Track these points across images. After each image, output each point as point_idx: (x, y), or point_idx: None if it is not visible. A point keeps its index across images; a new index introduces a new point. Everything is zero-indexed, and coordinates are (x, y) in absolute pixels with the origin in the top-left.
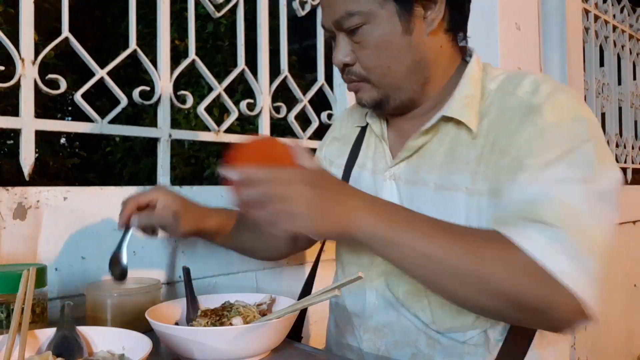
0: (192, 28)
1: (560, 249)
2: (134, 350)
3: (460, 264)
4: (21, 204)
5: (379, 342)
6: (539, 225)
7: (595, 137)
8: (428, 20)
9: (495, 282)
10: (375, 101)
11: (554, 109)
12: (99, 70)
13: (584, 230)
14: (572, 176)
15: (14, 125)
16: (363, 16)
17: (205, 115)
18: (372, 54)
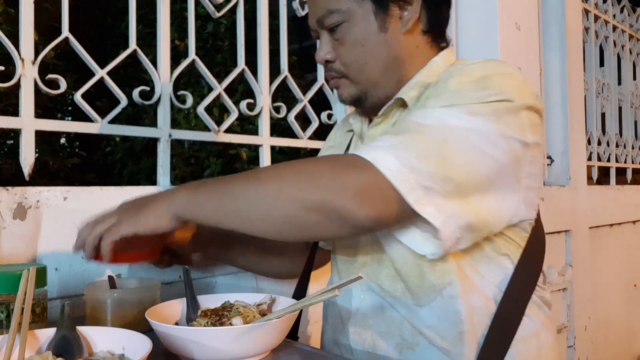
0: (192, 28)
1: (383, 144)
2: (134, 350)
3: (271, 186)
4: (21, 204)
5: (364, 334)
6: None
7: (496, 105)
8: (404, 20)
9: (309, 179)
10: (353, 97)
11: (462, 73)
12: (99, 70)
13: (415, 136)
14: (446, 105)
15: (14, 125)
16: (342, 14)
17: (205, 115)
18: (350, 51)
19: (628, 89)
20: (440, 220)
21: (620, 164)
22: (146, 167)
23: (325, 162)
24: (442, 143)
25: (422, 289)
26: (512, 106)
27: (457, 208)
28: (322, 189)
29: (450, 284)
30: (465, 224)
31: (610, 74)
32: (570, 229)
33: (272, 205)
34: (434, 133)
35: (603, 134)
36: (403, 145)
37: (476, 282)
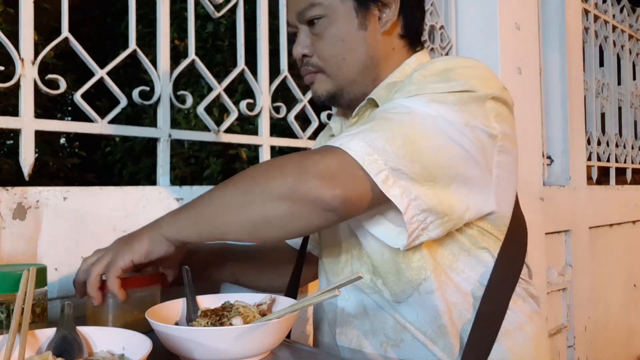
0: (192, 28)
1: (351, 132)
2: (134, 350)
3: (245, 185)
4: (21, 204)
5: (350, 334)
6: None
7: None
8: (382, 20)
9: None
10: (329, 93)
11: (425, 68)
12: (98, 70)
13: (383, 124)
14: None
15: (14, 125)
16: (324, 8)
17: (205, 115)
18: (329, 45)
19: (628, 89)
20: (406, 202)
21: (620, 164)
22: (146, 167)
23: (292, 154)
24: (409, 126)
25: (399, 285)
26: (476, 96)
27: (422, 191)
28: (288, 177)
29: (426, 279)
30: (429, 207)
31: (610, 74)
32: (570, 229)
33: (245, 205)
34: (401, 118)
35: (603, 134)
36: (370, 130)
37: (453, 278)
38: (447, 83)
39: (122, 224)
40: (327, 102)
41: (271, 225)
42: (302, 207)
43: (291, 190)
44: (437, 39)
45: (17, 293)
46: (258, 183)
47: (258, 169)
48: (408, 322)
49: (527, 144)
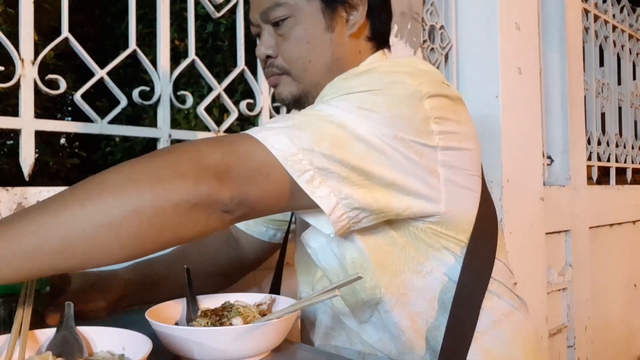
0: (192, 28)
1: (277, 125)
2: (134, 350)
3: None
4: (21, 204)
5: (328, 346)
6: None
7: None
8: (350, 23)
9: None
10: (294, 96)
11: (349, 75)
12: (98, 71)
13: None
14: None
15: (14, 125)
16: (289, 8)
17: (205, 115)
18: (294, 47)
19: (628, 89)
20: (334, 202)
21: (620, 163)
22: None
23: (185, 145)
24: (336, 131)
25: (357, 306)
26: (408, 96)
27: (354, 190)
28: (184, 178)
29: (382, 298)
30: (362, 206)
31: (610, 74)
32: (570, 229)
33: (127, 216)
34: (327, 120)
35: (603, 134)
36: (297, 127)
37: (413, 286)
38: (370, 79)
39: None
40: (292, 105)
41: (161, 236)
42: (203, 210)
43: (192, 194)
44: (437, 39)
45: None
46: (145, 187)
47: (139, 165)
48: (373, 341)
49: (527, 144)
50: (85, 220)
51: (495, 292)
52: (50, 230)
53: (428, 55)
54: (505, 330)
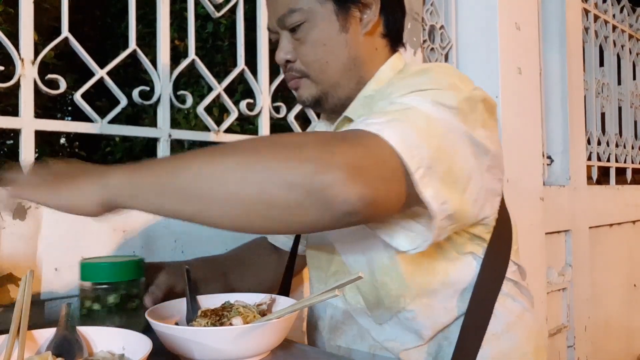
0: (192, 28)
1: (377, 121)
2: (134, 350)
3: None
4: (21, 204)
5: (339, 340)
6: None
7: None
8: (364, 22)
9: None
10: (314, 98)
11: (405, 75)
12: (98, 70)
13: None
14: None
15: (14, 125)
16: (304, 13)
17: (205, 115)
18: (311, 50)
19: (628, 89)
20: (437, 206)
21: (620, 163)
22: None
23: (314, 133)
24: (428, 123)
25: (378, 309)
26: (468, 98)
27: (449, 195)
28: (307, 162)
29: (405, 308)
30: (452, 213)
31: (610, 74)
32: (570, 228)
33: (243, 181)
34: (417, 115)
35: (603, 134)
36: (398, 120)
37: (438, 295)
38: (431, 79)
39: (122, 224)
40: (312, 106)
41: (269, 214)
42: (316, 202)
43: (309, 180)
44: (437, 39)
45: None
46: (265, 159)
47: (265, 141)
48: (386, 340)
49: (527, 144)
50: (207, 170)
51: (509, 294)
52: (177, 172)
53: (428, 55)
54: (518, 331)
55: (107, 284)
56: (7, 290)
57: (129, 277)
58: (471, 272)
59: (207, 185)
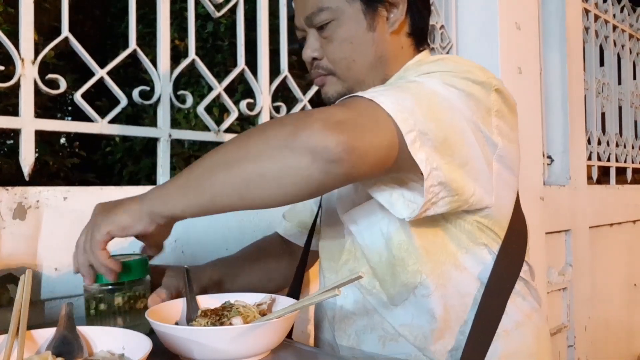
0: (192, 28)
1: (377, 89)
2: (134, 350)
3: (254, 145)
4: (21, 204)
5: (348, 330)
6: None
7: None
8: (390, 21)
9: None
10: (340, 95)
11: (422, 63)
12: (98, 70)
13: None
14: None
15: (14, 125)
16: (332, 12)
17: (205, 115)
18: (338, 48)
19: (628, 89)
20: (428, 169)
21: (620, 163)
22: (146, 167)
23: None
24: (429, 96)
25: (394, 287)
26: (481, 84)
27: (443, 162)
28: (287, 125)
29: (422, 283)
30: (446, 181)
31: (610, 74)
32: (570, 228)
33: (237, 161)
34: (419, 88)
35: (603, 134)
36: (397, 90)
37: (452, 279)
38: (445, 65)
39: None
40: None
41: (264, 180)
42: (300, 156)
43: (289, 138)
44: (437, 39)
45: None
46: (253, 136)
47: (258, 126)
48: (400, 325)
49: (528, 143)
50: (211, 162)
51: (520, 293)
52: (192, 172)
53: None
54: (527, 330)
55: (112, 285)
56: (7, 290)
57: (136, 276)
58: (485, 265)
59: (211, 173)
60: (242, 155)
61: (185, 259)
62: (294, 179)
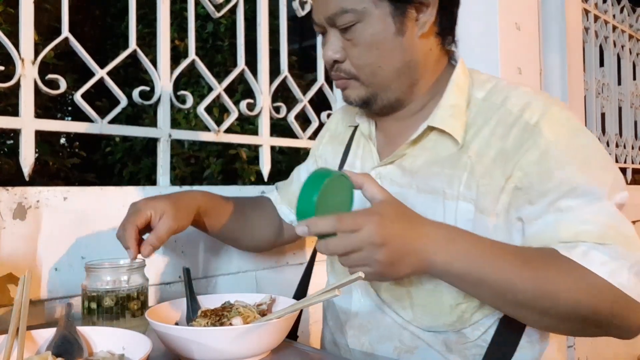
0: (192, 28)
1: (622, 264)
2: (134, 350)
3: (530, 292)
4: (21, 204)
5: (362, 338)
6: (589, 244)
7: (593, 141)
8: (420, 22)
9: (567, 306)
10: (362, 100)
11: (551, 126)
12: (99, 70)
13: (630, 242)
14: (595, 192)
15: (14, 125)
16: (357, 14)
17: (205, 115)
18: (363, 53)
19: (628, 89)
20: None
21: (620, 164)
22: (146, 167)
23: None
24: (628, 240)
25: (428, 317)
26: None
27: None
28: (605, 315)
29: (462, 324)
30: None
31: (610, 74)
32: None
33: (550, 318)
34: (618, 236)
35: (603, 134)
36: (623, 260)
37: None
38: (587, 145)
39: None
40: (359, 106)
41: (535, 324)
42: (592, 328)
43: (587, 318)
44: None
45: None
46: (545, 293)
47: (546, 274)
48: (425, 330)
49: None
50: (507, 286)
51: None
52: (479, 272)
53: None
54: (551, 341)
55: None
56: (7, 290)
57: None
58: None
59: (500, 301)
60: (545, 305)
61: (185, 259)
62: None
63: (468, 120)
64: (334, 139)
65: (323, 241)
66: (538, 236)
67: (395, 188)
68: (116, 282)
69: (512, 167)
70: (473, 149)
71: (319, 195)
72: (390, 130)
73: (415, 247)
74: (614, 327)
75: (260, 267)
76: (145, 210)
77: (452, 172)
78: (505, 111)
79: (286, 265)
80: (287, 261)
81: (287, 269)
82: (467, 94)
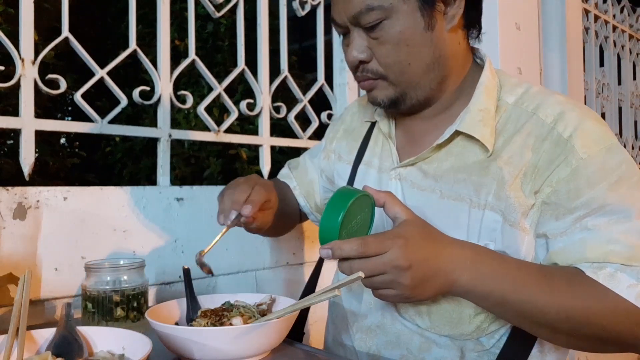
0: (192, 28)
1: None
2: (134, 350)
3: (554, 315)
4: (21, 204)
5: (370, 342)
6: (617, 265)
7: (626, 158)
8: (448, 16)
9: (591, 329)
10: (391, 100)
11: (584, 141)
12: (99, 70)
13: None
14: (624, 210)
15: (14, 125)
16: (384, 11)
17: (205, 115)
18: (392, 50)
19: (628, 89)
20: None
21: None
22: (146, 167)
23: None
24: None
25: (447, 326)
26: None
27: None
28: (630, 337)
29: (479, 334)
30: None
31: (610, 74)
32: None
33: (575, 339)
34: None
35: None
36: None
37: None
38: (621, 161)
39: (122, 224)
40: (387, 107)
41: (558, 343)
42: (615, 348)
43: (610, 340)
44: None
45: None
46: (569, 315)
47: (571, 295)
48: (442, 338)
49: None
50: (531, 307)
51: None
52: (503, 292)
53: None
54: (562, 353)
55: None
56: (7, 290)
57: None
58: None
59: (523, 321)
60: (569, 327)
61: (185, 259)
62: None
63: (497, 126)
64: (349, 133)
65: (347, 263)
66: (563, 253)
67: (416, 191)
68: (116, 282)
69: (541, 182)
70: (503, 158)
71: (343, 216)
72: (412, 130)
73: (441, 269)
74: (635, 347)
75: (260, 267)
76: (246, 184)
77: (480, 179)
78: (538, 120)
79: (286, 265)
80: (287, 261)
81: (287, 269)
82: (496, 97)
